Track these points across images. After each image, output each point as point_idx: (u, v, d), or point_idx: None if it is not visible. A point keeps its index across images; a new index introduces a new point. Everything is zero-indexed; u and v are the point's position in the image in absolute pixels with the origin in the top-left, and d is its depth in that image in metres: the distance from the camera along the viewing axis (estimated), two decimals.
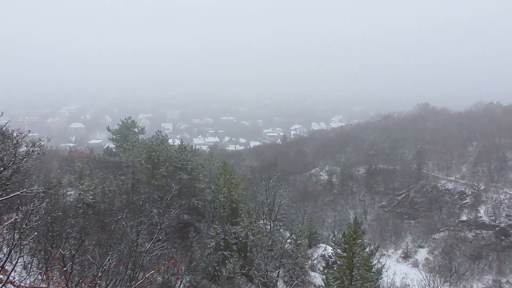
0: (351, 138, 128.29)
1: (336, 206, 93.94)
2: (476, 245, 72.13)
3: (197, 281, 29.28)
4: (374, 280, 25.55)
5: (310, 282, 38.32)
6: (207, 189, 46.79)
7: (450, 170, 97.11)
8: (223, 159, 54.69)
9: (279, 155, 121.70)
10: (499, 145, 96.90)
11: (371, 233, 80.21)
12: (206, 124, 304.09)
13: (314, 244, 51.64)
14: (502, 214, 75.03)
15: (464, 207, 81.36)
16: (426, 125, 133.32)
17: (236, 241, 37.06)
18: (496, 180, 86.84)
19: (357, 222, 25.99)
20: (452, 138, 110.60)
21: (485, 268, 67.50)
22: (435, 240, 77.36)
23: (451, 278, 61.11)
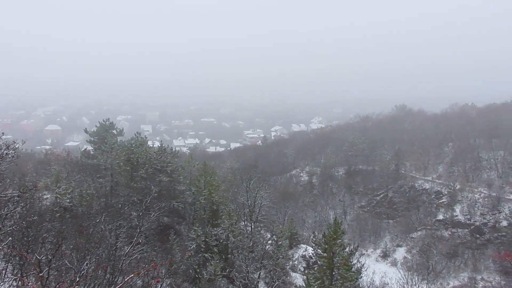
0: (331, 139, 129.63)
1: (317, 206, 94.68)
2: (452, 243, 73.79)
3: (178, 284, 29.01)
4: (354, 280, 25.83)
5: (291, 283, 38.48)
6: (187, 191, 46.46)
7: (427, 170, 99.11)
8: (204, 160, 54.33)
9: (259, 157, 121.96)
10: (474, 146, 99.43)
11: (351, 233, 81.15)
12: (186, 125, 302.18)
13: (295, 244, 51.88)
14: (476, 213, 77.01)
15: (440, 207, 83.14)
16: (404, 126, 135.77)
17: (217, 243, 36.89)
18: (471, 180, 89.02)
19: (337, 222, 26.22)
20: (429, 139, 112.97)
21: (461, 266, 69.10)
22: (413, 239, 78.79)
23: (428, 276, 62.40)
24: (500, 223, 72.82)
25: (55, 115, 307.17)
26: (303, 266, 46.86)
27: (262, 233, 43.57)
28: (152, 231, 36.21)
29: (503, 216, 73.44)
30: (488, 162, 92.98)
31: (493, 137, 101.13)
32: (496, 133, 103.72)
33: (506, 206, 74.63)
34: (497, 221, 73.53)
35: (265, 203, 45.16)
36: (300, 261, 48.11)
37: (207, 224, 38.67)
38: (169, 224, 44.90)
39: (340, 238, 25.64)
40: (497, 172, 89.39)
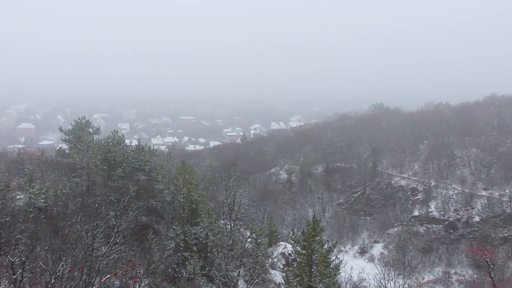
0: (310, 137, 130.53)
1: (296, 204, 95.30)
2: (427, 239, 75.54)
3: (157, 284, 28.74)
4: (332, 276, 26.11)
5: (271, 280, 38.64)
6: (166, 190, 46.05)
7: (403, 168, 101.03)
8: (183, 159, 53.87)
9: (239, 155, 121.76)
10: (448, 144, 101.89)
11: (329, 230, 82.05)
12: (164, 124, 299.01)
13: (274, 242, 52.05)
14: (450, 209, 79.07)
15: (416, 203, 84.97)
16: (381, 124, 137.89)
17: (196, 242, 36.70)
18: (445, 177, 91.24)
19: (316, 219, 26.44)
20: (405, 137, 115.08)
21: (435, 261, 70.83)
22: (390, 235, 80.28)
23: (404, 271, 63.69)
24: (473, 218, 74.97)
25: (28, 113, 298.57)
26: (282, 263, 47.07)
27: (241, 231, 43.59)
28: (130, 230, 35.76)
29: (476, 212, 75.63)
30: (461, 159, 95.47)
31: (466, 135, 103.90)
32: (469, 131, 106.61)
33: (479, 202, 76.85)
34: (470, 217, 75.68)
35: (245, 201, 45.17)
36: (279, 259, 48.30)
37: (186, 223, 38.41)
38: (147, 224, 44.42)
39: (318, 235, 25.86)
40: (470, 169, 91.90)
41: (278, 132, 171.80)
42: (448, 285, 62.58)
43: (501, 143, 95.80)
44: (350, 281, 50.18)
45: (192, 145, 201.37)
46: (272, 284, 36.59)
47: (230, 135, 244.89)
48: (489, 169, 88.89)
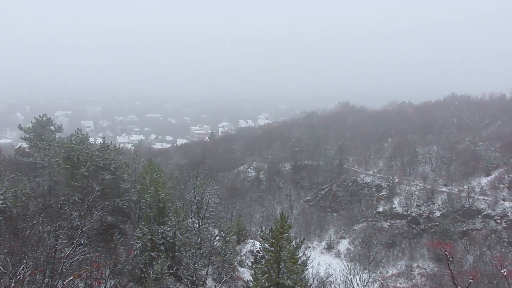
0: (278, 135, 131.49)
1: (264, 202, 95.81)
2: (391, 233, 77.85)
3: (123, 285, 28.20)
4: (300, 272, 26.46)
5: (239, 278, 38.72)
6: (132, 189, 45.25)
7: (369, 165, 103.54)
8: (149, 157, 53.09)
9: (207, 153, 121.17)
10: (411, 141, 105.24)
11: (297, 226, 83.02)
12: (130, 121, 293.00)
13: (243, 240, 52.19)
14: (413, 204, 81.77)
15: (380, 199, 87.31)
16: (347, 122, 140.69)
17: (163, 241, 36.23)
18: (408, 173, 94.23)
19: (284, 217, 26.68)
20: (370, 134, 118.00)
21: (398, 255, 73.11)
22: (355, 231, 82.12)
23: (369, 266, 65.35)
24: (434, 213, 77.86)
25: None
26: (251, 261, 47.28)
27: (209, 229, 43.43)
28: (95, 231, 34.85)
29: (436, 207, 78.56)
30: (423, 156, 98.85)
31: (428, 133, 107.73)
32: (431, 129, 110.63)
33: (439, 198, 79.88)
34: (431, 212, 78.55)
35: (213, 200, 45.04)
36: (248, 256, 48.49)
37: (153, 222, 37.84)
38: (113, 224, 43.45)
39: (286, 232, 26.12)
40: (431, 166, 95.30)
41: (246, 130, 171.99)
42: (411, 278, 64.79)
43: (460, 141, 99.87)
44: (317, 277, 51.06)
45: (159, 143, 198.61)
46: (240, 282, 36.66)
47: (198, 133, 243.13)
48: (449, 166, 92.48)
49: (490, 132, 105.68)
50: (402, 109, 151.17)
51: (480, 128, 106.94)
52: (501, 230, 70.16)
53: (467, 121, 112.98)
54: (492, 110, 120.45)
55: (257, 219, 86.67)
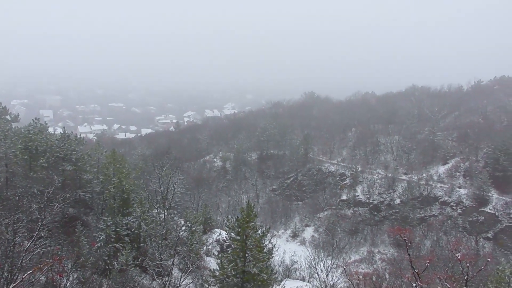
0: (244, 125, 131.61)
1: (230, 191, 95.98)
2: (354, 221, 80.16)
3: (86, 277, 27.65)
4: (265, 260, 26.89)
5: (206, 267, 38.83)
6: (95, 180, 44.21)
7: (333, 154, 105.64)
8: (113, 147, 51.93)
9: (172, 143, 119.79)
10: (374, 131, 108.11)
11: (263, 215, 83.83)
12: (92, 111, 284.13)
13: (209, 229, 52.22)
14: (375, 192, 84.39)
15: (344, 188, 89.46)
16: (312, 112, 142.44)
17: (128, 233, 35.71)
18: (371, 162, 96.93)
19: (250, 206, 26.93)
20: (335, 124, 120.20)
21: (361, 241, 75.51)
22: (320, 219, 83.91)
23: (333, 252, 67.21)
24: (394, 201, 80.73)
25: None
26: (217, 250, 47.45)
27: (175, 219, 43.21)
28: (56, 223, 33.86)
29: (397, 195, 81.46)
30: (385, 146, 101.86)
31: (390, 123, 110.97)
32: (393, 119, 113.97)
33: (400, 186, 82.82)
34: (392, 199, 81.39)
35: (179, 190, 44.70)
36: (214, 246, 48.63)
37: (118, 213, 37.17)
38: (75, 216, 42.38)
39: (252, 221, 26.40)
40: (392, 155, 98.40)
41: (213, 120, 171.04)
42: (372, 263, 67.11)
43: (419, 130, 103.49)
44: (282, 264, 52.04)
45: (122, 133, 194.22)
46: (207, 271, 36.76)
47: (163, 123, 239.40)
48: (409, 155, 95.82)
49: (448, 123, 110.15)
50: (365, 99, 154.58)
51: (438, 119, 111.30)
52: (457, 216, 73.76)
53: (427, 111, 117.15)
54: (450, 101, 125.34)
55: (223, 209, 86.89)
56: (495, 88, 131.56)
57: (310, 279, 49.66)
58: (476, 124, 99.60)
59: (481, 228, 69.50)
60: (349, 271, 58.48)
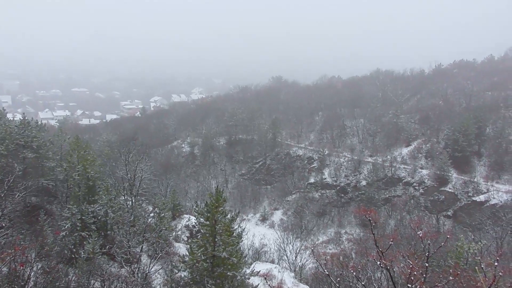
0: (212, 110, 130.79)
1: (199, 177, 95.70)
2: (322, 203, 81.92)
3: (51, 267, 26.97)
4: (235, 244, 27.04)
5: (175, 253, 38.69)
6: (58, 168, 42.85)
7: (301, 138, 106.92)
8: (76, 134, 50.33)
9: (138, 128, 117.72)
10: (340, 115, 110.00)
11: (232, 200, 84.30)
12: (53, 96, 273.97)
13: (178, 215, 51.95)
14: (341, 175, 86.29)
15: (312, 171, 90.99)
16: (280, 97, 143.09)
17: (94, 220, 34.97)
18: (337, 145, 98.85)
19: (219, 191, 26.88)
20: (302, 108, 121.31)
21: (328, 223, 77.39)
22: (288, 202, 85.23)
23: (301, 234, 68.55)
24: (360, 183, 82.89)
25: None
26: (186, 236, 47.35)
27: (143, 206, 42.61)
28: (18, 213, 32.74)
29: (363, 177, 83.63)
30: (351, 129, 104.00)
31: (356, 106, 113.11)
32: (358, 103, 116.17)
33: (365, 168, 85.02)
34: (358, 181, 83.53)
35: (146, 176, 43.95)
36: (183, 231, 48.47)
37: (83, 201, 36.29)
38: (38, 204, 41.03)
39: (222, 206, 26.40)
40: (358, 138, 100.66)
41: (180, 105, 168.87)
42: (339, 243, 69.04)
43: (384, 114, 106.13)
44: (252, 248, 52.63)
45: (86, 119, 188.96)
46: (176, 257, 36.68)
47: (129, 108, 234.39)
48: (374, 137, 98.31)
49: (411, 105, 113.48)
50: (332, 83, 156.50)
51: (402, 102, 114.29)
52: (419, 196, 76.67)
53: (391, 95, 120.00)
54: (412, 85, 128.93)
55: (192, 194, 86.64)
56: (455, 72, 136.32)
57: (280, 261, 50.57)
58: (437, 106, 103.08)
59: (442, 207, 72.66)
60: (317, 252, 60.02)
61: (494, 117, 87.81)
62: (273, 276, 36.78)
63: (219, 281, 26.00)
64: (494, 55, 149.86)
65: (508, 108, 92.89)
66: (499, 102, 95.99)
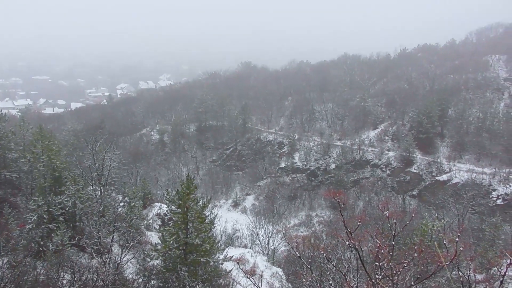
0: (181, 97, 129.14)
1: (169, 164, 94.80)
2: (293, 187, 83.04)
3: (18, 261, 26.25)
4: (207, 230, 27.11)
5: (147, 242, 38.41)
6: (21, 159, 41.36)
7: (271, 123, 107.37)
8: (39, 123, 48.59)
9: (105, 117, 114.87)
10: (309, 99, 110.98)
11: (204, 187, 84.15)
12: (13, 84, 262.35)
13: (149, 204, 51.45)
14: (311, 159, 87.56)
15: (282, 156, 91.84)
16: (249, 82, 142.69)
17: (62, 212, 34.14)
18: (307, 130, 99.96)
19: (190, 178, 26.75)
20: (272, 94, 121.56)
21: (299, 206, 78.66)
22: (260, 187, 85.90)
23: (273, 219, 69.46)
24: (330, 166, 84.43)
25: None
26: (158, 224, 47.03)
27: (113, 196, 41.97)
28: None
29: (332, 160, 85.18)
30: (320, 113, 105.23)
31: (324, 91, 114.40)
32: (327, 87, 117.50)
33: (334, 151, 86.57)
34: (328, 165, 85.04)
35: (115, 165, 43.16)
36: (155, 219, 48.10)
37: (49, 192, 35.28)
38: (1, 197, 39.62)
39: (193, 193, 26.31)
40: (327, 122, 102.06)
41: (147, 92, 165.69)
42: (310, 226, 70.48)
43: (351, 98, 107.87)
44: (225, 233, 52.97)
45: (50, 108, 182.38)
46: (148, 245, 36.44)
47: (94, 96, 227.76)
48: (343, 121, 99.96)
49: (377, 89, 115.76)
50: (300, 68, 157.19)
51: (369, 86, 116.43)
52: (386, 177, 78.98)
53: (358, 79, 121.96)
54: (379, 69, 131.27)
55: (163, 182, 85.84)
56: (419, 56, 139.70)
57: (252, 246, 51.15)
58: (402, 90, 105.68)
59: (407, 187, 75.21)
60: (289, 235, 61.14)
61: (455, 99, 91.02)
62: (246, 261, 37.20)
63: (192, 268, 26.08)
64: (455, 39, 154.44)
65: (469, 91, 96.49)
66: (460, 85, 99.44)
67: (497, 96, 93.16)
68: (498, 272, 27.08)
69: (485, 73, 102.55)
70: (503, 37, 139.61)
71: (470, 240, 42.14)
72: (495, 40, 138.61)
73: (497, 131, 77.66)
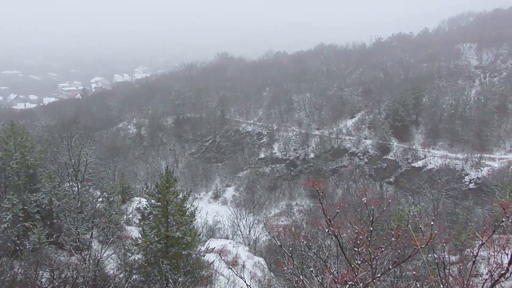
0: (157, 89, 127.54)
1: (148, 158, 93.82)
2: (272, 177, 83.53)
3: None
4: (188, 223, 27.06)
5: (127, 236, 38.08)
6: None
7: (249, 114, 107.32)
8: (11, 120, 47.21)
9: (80, 111, 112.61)
10: (287, 90, 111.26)
11: (184, 179, 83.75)
12: None
13: (128, 198, 50.87)
14: (290, 149, 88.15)
15: (262, 146, 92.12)
16: (227, 73, 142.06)
17: (38, 210, 33.42)
18: (286, 120, 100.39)
19: (169, 171, 26.57)
20: (249, 85, 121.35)
21: (280, 196, 79.28)
22: (240, 178, 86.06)
23: (254, 209, 69.82)
24: (309, 155, 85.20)
25: None
26: (138, 218, 46.65)
27: (91, 191, 41.29)
28: None
29: (311, 149, 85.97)
30: (298, 103, 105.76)
31: (301, 81, 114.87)
32: (304, 77, 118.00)
33: (313, 141, 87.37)
34: (306, 154, 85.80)
35: (91, 160, 42.41)
36: (135, 214, 47.69)
37: (24, 190, 34.44)
38: None
39: (172, 186, 26.16)
40: (305, 112, 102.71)
41: (123, 85, 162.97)
42: (291, 215, 71.16)
43: (328, 87, 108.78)
44: (206, 225, 52.96)
45: (21, 103, 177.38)
46: (129, 240, 36.14)
47: (68, 90, 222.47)
48: (320, 111, 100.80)
49: (354, 78, 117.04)
50: (278, 59, 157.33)
51: (345, 75, 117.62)
52: (364, 165, 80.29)
53: (335, 68, 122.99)
54: (355, 58, 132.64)
55: (142, 176, 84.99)
56: (394, 45, 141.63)
57: (234, 236, 51.34)
58: (378, 79, 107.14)
59: (384, 174, 76.70)
60: (270, 225, 61.60)
61: (429, 87, 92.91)
62: (228, 252, 37.35)
63: (174, 261, 26.05)
64: (428, 28, 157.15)
65: (442, 79, 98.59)
66: (434, 73, 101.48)
67: (469, 84, 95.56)
68: (471, 253, 28.08)
69: (457, 61, 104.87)
70: (473, 26, 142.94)
71: (445, 223, 43.35)
72: (466, 29, 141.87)
73: (469, 117, 79.81)
